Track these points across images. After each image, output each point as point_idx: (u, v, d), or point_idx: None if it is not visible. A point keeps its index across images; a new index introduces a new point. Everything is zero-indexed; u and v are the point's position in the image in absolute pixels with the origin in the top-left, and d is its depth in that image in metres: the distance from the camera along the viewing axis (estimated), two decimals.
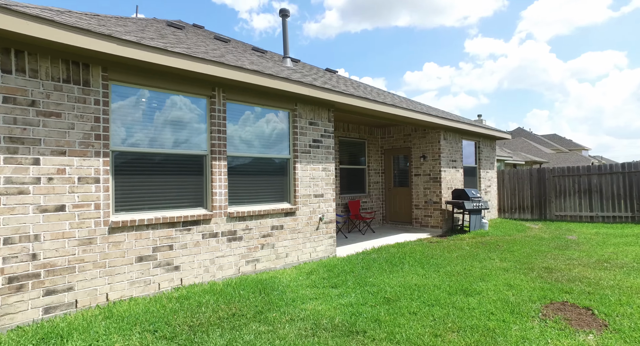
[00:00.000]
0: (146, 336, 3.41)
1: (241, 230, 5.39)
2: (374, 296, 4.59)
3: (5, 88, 3.59)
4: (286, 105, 6.14)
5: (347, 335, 3.49)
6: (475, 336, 3.40)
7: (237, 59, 6.22)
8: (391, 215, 11.09)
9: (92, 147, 4.06)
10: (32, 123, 3.72)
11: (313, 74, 8.99)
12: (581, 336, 3.37)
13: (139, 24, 6.62)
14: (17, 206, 3.61)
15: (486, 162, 12.15)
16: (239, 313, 3.98)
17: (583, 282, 5.03)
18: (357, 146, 10.82)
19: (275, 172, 6.05)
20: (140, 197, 4.51)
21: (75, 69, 3.99)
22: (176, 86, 4.80)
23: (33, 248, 3.67)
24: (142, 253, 4.39)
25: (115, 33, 4.16)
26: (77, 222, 3.93)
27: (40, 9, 3.92)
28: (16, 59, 3.65)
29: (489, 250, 7.27)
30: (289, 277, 5.38)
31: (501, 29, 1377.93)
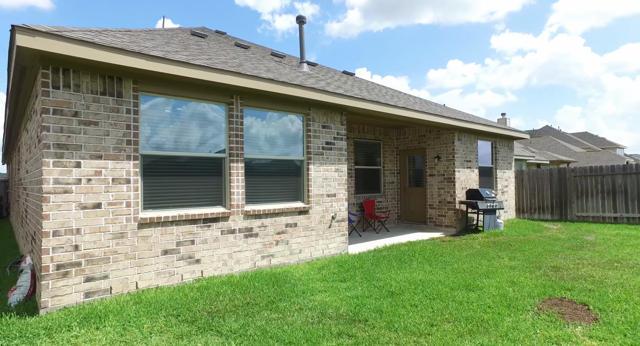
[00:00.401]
0: (170, 320, 3.86)
1: (257, 227, 5.80)
2: (379, 290, 4.89)
3: (55, 102, 4.13)
4: (300, 109, 6.52)
5: (350, 323, 3.82)
6: (468, 326, 3.66)
7: (255, 67, 6.64)
8: (406, 215, 11.29)
9: (124, 151, 4.57)
10: (74, 131, 4.25)
11: (328, 77, 9.33)
12: (570, 328, 3.57)
13: (165, 36, 7.16)
14: (63, 203, 4.14)
15: (503, 162, 12.14)
16: (252, 302, 4.38)
17: (587, 280, 5.15)
18: (373, 147, 11.08)
19: (289, 173, 6.44)
20: (165, 195, 4.99)
21: (110, 83, 4.50)
22: (198, 94, 5.26)
23: (75, 240, 4.20)
24: (167, 246, 4.86)
25: (144, 49, 4.65)
26: (111, 218, 4.44)
27: (83, 32, 4.44)
28: (63, 76, 4.18)
29: (500, 249, 7.40)
30: (301, 272, 5.75)
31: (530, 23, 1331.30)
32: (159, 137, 4.98)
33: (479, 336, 3.45)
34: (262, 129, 6.11)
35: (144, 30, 6.94)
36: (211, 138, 5.48)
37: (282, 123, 6.39)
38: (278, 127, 6.33)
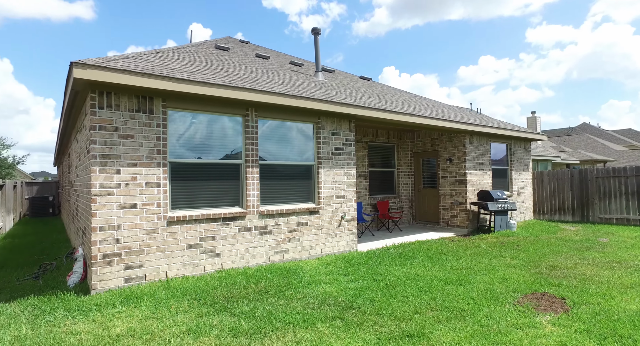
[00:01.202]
0: (193, 302, 4.59)
1: (271, 225, 6.48)
2: (377, 283, 5.42)
3: (100, 120, 4.98)
4: (310, 118, 7.14)
5: (344, 309, 4.39)
6: (447, 314, 4.15)
7: (269, 80, 7.33)
8: (420, 215, 11.66)
9: (155, 159, 5.36)
10: (115, 143, 5.08)
11: (342, 85, 9.90)
12: (538, 317, 3.97)
13: (191, 53, 7.98)
14: (107, 204, 4.97)
15: (519, 164, 12.23)
16: (263, 291, 5.04)
17: (577, 278, 5.45)
18: (387, 150, 11.53)
19: (301, 176, 7.07)
20: (190, 197, 5.76)
21: (143, 101, 5.31)
22: (217, 108, 6.00)
23: (117, 234, 5.02)
24: (192, 241, 5.63)
25: (171, 72, 5.43)
26: (145, 216, 5.24)
27: (122, 60, 5.27)
28: (107, 98, 5.02)
29: (504, 249, 7.70)
30: (310, 266, 6.37)
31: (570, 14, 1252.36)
32: (184, 146, 5.76)
33: (454, 321, 3.94)
34: (276, 137, 6.78)
35: (173, 49, 7.79)
36: (229, 146, 6.21)
37: (294, 131, 7.04)
38: (290, 134, 6.98)
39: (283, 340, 3.60)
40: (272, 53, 12.94)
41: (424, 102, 11.78)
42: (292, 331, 3.79)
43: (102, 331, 3.83)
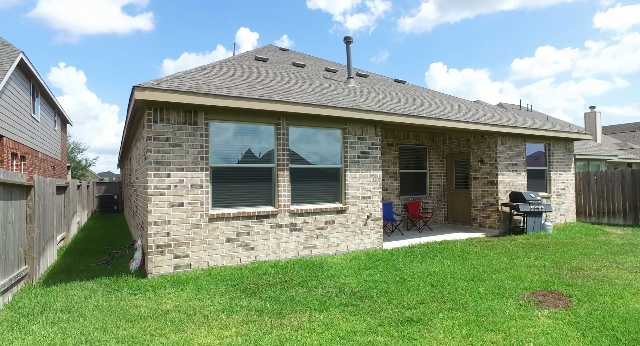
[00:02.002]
0: (229, 288, 5.37)
1: (300, 223, 7.15)
2: (394, 277, 5.89)
3: (154, 132, 5.93)
4: (337, 125, 7.72)
5: (358, 298, 4.93)
6: (450, 305, 4.54)
7: (301, 90, 8.01)
8: (452, 216, 11.78)
9: (198, 164, 6.24)
10: (166, 151, 6.01)
11: (372, 91, 10.35)
12: (536, 311, 4.25)
13: (232, 67, 8.87)
14: (159, 203, 5.91)
15: (558, 164, 11.91)
16: (289, 280, 5.71)
17: (595, 279, 5.53)
18: (418, 152, 11.79)
19: (328, 178, 7.67)
20: (228, 197, 6.58)
21: (189, 115, 6.20)
22: (252, 118, 6.77)
23: (167, 228, 5.95)
24: (229, 236, 6.44)
25: (212, 89, 6.28)
26: (190, 213, 6.13)
27: (172, 80, 6.20)
28: (160, 113, 5.96)
29: (531, 250, 7.76)
30: (335, 261, 6.95)
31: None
32: (223, 152, 6.59)
33: (454, 311, 4.34)
34: (305, 142, 7.44)
35: (216, 64, 8.72)
36: (263, 152, 6.97)
37: (322, 136, 7.66)
38: (318, 140, 7.61)
39: (299, 319, 4.22)
40: (309, 60, 13.65)
41: (457, 104, 11.87)
42: (309, 313, 4.41)
43: (156, 306, 4.70)
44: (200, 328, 3.99)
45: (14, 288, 5.28)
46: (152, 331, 3.92)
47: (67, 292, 5.30)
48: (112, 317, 4.32)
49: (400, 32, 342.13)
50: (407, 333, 3.75)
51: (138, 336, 3.78)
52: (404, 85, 13.45)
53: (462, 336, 3.65)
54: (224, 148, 6.60)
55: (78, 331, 3.92)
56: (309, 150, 7.49)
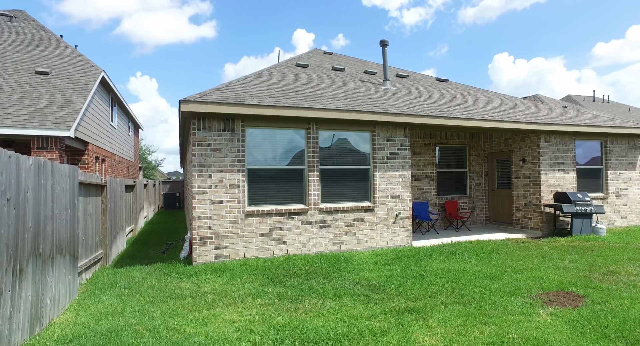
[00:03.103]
0: (259, 276, 6.06)
1: (329, 220, 7.68)
2: (413, 272, 6.18)
3: (198, 138, 6.83)
4: (366, 128, 8.11)
5: (371, 290, 5.34)
6: (457, 300, 4.78)
7: (333, 95, 8.52)
8: (494, 216, 11.51)
9: (236, 167, 7.03)
10: (208, 155, 6.88)
11: (407, 92, 10.54)
12: (540, 309, 4.35)
13: (272, 76, 9.62)
14: (202, 200, 6.80)
15: (619, 163, 11.08)
16: (314, 272, 6.27)
17: (624, 283, 5.37)
18: (457, 151, 11.69)
19: (357, 178, 8.10)
20: (262, 195, 7.31)
21: (227, 123, 7.02)
22: (284, 124, 7.43)
23: (209, 223, 6.82)
24: (263, 231, 7.16)
25: (248, 99, 7.03)
26: (229, 210, 6.94)
27: (213, 92, 7.07)
28: (202, 122, 6.85)
29: (570, 253, 7.51)
30: (362, 256, 7.37)
31: None
32: (258, 155, 7.33)
33: (457, 305, 4.58)
34: (335, 145, 7.94)
35: (257, 74, 9.53)
36: (294, 154, 7.60)
37: (351, 139, 8.10)
38: (348, 142, 8.06)
39: (312, 305, 4.76)
40: (350, 62, 14.07)
41: (499, 102, 11.57)
42: (322, 300, 4.92)
43: (195, 288, 5.52)
44: (228, 307, 4.70)
45: (93, 267, 6.47)
46: (189, 307, 4.71)
47: (130, 273, 6.36)
48: (160, 295, 5.21)
49: (461, 24, 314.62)
50: (403, 321, 4.11)
51: (177, 310, 4.58)
52: (445, 84, 13.33)
53: (453, 326, 3.93)
54: (258, 152, 7.34)
55: (134, 303, 4.83)
56: (338, 152, 7.97)
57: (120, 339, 3.62)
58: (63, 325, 4.05)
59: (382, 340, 3.64)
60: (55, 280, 4.22)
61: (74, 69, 13.11)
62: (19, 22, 16.37)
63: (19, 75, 11.69)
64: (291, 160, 7.59)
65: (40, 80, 11.60)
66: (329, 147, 7.91)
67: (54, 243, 4.21)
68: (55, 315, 4.21)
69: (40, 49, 14.09)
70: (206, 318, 4.30)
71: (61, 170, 4.44)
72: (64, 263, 4.53)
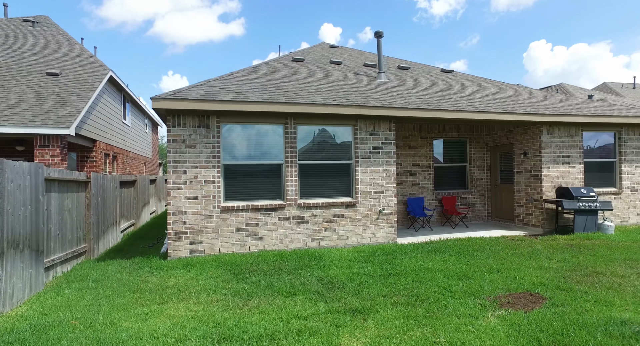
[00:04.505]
0: (226, 272, 6.09)
1: (308, 216, 7.60)
2: (382, 270, 6.01)
3: (173, 135, 6.93)
4: (347, 121, 7.93)
5: (330, 288, 5.24)
6: (409, 300, 4.60)
7: (316, 89, 8.38)
8: (497, 212, 11.01)
9: (211, 163, 7.08)
10: (183, 152, 6.96)
11: (402, 84, 10.22)
12: (491, 312, 4.10)
13: (261, 71, 9.59)
14: (177, 196, 6.90)
15: (635, 155, 10.28)
16: (282, 268, 6.22)
17: (604, 285, 5.00)
18: (458, 144, 11.24)
19: (338, 173, 7.95)
20: (238, 191, 7.32)
21: (202, 119, 7.07)
22: (260, 119, 7.40)
23: (184, 218, 6.92)
24: (239, 226, 7.19)
25: (222, 95, 7.04)
26: (204, 205, 7.01)
27: (190, 89, 7.13)
28: (177, 119, 6.93)
29: (562, 252, 7.06)
30: (339, 253, 7.25)
31: None
32: (234, 151, 7.34)
33: (407, 306, 4.40)
34: (315, 139, 7.82)
35: (245, 70, 9.53)
36: (272, 149, 7.56)
37: (332, 133, 7.95)
38: (329, 137, 7.92)
39: (262, 302, 4.72)
40: (353, 55, 13.80)
41: (502, 92, 10.99)
42: (274, 297, 4.88)
43: (160, 283, 5.63)
44: (179, 303, 4.75)
45: (74, 260, 6.73)
46: (142, 301, 4.80)
47: (107, 267, 6.58)
48: (123, 288, 5.34)
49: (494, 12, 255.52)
50: (340, 321, 4.00)
51: (129, 304, 4.68)
52: (449, 75, 12.83)
53: (388, 328, 3.78)
54: (235, 147, 7.36)
55: (91, 297, 4.98)
56: (319, 147, 7.86)
57: (47, 334, 3.73)
58: (6, 319, 4.23)
59: (306, 341, 3.55)
60: (8, 274, 4.41)
61: (83, 69, 13.65)
62: (41, 27, 17.22)
63: (31, 77, 12.32)
64: (269, 156, 7.56)
65: (49, 81, 12.17)
66: (309, 141, 7.81)
67: (7, 238, 4.40)
68: (7, 309, 4.40)
69: (55, 52, 14.77)
70: (151, 313, 4.36)
71: (16, 168, 4.62)
72: (22, 257, 4.73)
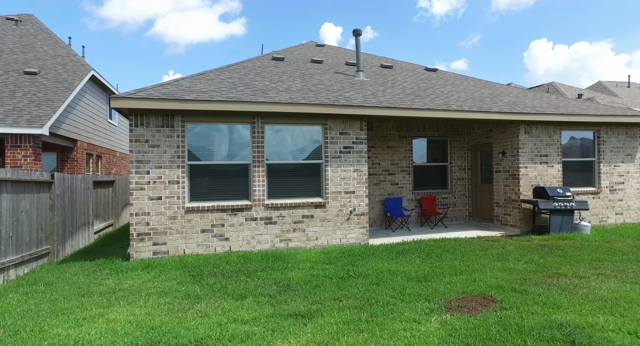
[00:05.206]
0: (184, 274, 5.97)
1: (276, 216, 7.48)
2: (343, 273, 5.89)
3: (135, 135, 6.81)
4: (317, 121, 7.81)
5: (284, 290, 5.12)
6: (359, 303, 4.49)
7: (287, 88, 8.26)
8: (478, 212, 10.90)
9: (175, 163, 6.96)
10: (146, 151, 6.85)
11: (379, 83, 10.10)
12: (436, 316, 3.98)
13: (235, 70, 9.47)
14: (140, 196, 6.79)
15: (614, 154, 10.16)
16: (242, 270, 6.11)
17: (560, 287, 4.89)
18: (438, 144, 11.12)
19: (308, 173, 7.84)
20: (204, 191, 7.21)
21: (166, 118, 6.95)
22: (226, 119, 7.28)
23: (147, 219, 6.81)
24: (204, 227, 7.08)
25: (185, 94, 6.93)
26: (168, 206, 6.90)
27: (153, 88, 7.02)
28: (140, 118, 6.82)
29: (532, 253, 6.95)
30: (306, 254, 7.13)
31: None
32: (200, 151, 7.23)
33: (354, 310, 4.29)
34: (283, 139, 7.71)
35: (219, 69, 9.41)
36: (239, 149, 7.44)
37: (302, 133, 7.84)
38: (298, 136, 7.81)
39: (209, 305, 4.61)
40: (338, 54, 13.66)
41: (482, 91, 10.87)
42: (223, 301, 4.77)
43: (114, 285, 5.52)
44: (125, 306, 4.64)
45: (33, 263, 6.62)
46: (87, 305, 4.68)
47: (67, 269, 6.47)
48: (73, 292, 5.23)
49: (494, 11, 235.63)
50: (279, 326, 3.88)
51: (71, 308, 4.56)
52: (431, 74, 12.71)
53: (326, 333, 3.67)
54: (200, 147, 7.24)
55: (34, 301, 4.86)
56: (288, 146, 7.74)
57: None
58: None
59: None
60: None
61: (64, 68, 13.53)
62: (24, 26, 17.09)
63: (7, 75, 12.20)
64: (236, 156, 7.44)
65: (26, 80, 12.06)
66: (278, 141, 7.69)
67: None
68: None
69: (37, 50, 14.66)
70: (90, 318, 4.25)
71: None
72: None
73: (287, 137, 7.76)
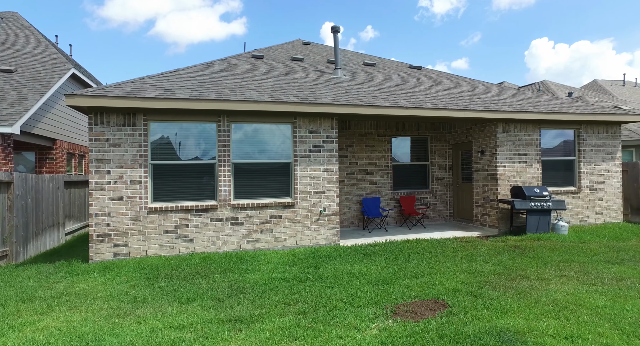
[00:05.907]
0: (140, 276, 5.80)
1: (242, 217, 7.31)
2: (303, 275, 5.72)
3: (95, 134, 6.64)
4: (285, 119, 7.64)
5: (235, 293, 4.95)
6: (304, 308, 4.32)
7: (258, 85, 8.08)
8: (458, 212, 10.73)
9: (137, 162, 6.79)
10: (106, 151, 6.68)
11: (357, 81, 9.92)
12: (378, 322, 3.82)
13: (208, 68, 9.29)
14: (100, 197, 6.62)
15: (594, 153, 9.98)
16: (200, 273, 5.94)
17: (517, 290, 4.74)
18: (418, 143, 10.95)
19: (276, 173, 7.67)
20: (168, 191, 7.04)
21: (128, 117, 6.78)
22: (191, 117, 7.11)
23: (107, 220, 6.64)
24: (168, 228, 6.91)
25: (146, 93, 6.75)
26: (130, 206, 6.73)
27: (114, 86, 6.84)
28: (100, 117, 6.65)
29: (502, 254, 6.78)
30: (272, 256, 6.96)
31: None
32: (164, 150, 7.06)
33: (296, 315, 4.12)
34: (251, 138, 7.54)
35: (192, 67, 9.22)
36: (205, 148, 7.27)
37: (270, 131, 7.66)
38: (266, 135, 7.64)
39: (152, 310, 4.44)
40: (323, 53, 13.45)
41: (462, 89, 10.69)
42: (168, 304, 4.60)
43: (65, 289, 5.35)
44: (65, 312, 4.46)
45: None
46: (24, 311, 4.50)
47: (21, 272, 6.29)
48: (14, 297, 5.05)
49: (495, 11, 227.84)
50: (214, 332, 3.72)
51: (3, 316, 4.37)
52: (414, 71, 12.53)
53: (257, 341, 3.50)
54: (164, 146, 7.07)
55: None
56: (255, 145, 7.57)
57: None
58: None
59: None
60: None
61: (43, 66, 13.36)
62: (6, 23, 16.90)
63: None
64: (201, 155, 7.27)
65: (1, 78, 11.88)
66: (245, 140, 7.52)
67: None
68: None
69: (16, 48, 14.47)
70: (18, 326, 4.04)
71: None
72: None
73: (255, 135, 7.58)
